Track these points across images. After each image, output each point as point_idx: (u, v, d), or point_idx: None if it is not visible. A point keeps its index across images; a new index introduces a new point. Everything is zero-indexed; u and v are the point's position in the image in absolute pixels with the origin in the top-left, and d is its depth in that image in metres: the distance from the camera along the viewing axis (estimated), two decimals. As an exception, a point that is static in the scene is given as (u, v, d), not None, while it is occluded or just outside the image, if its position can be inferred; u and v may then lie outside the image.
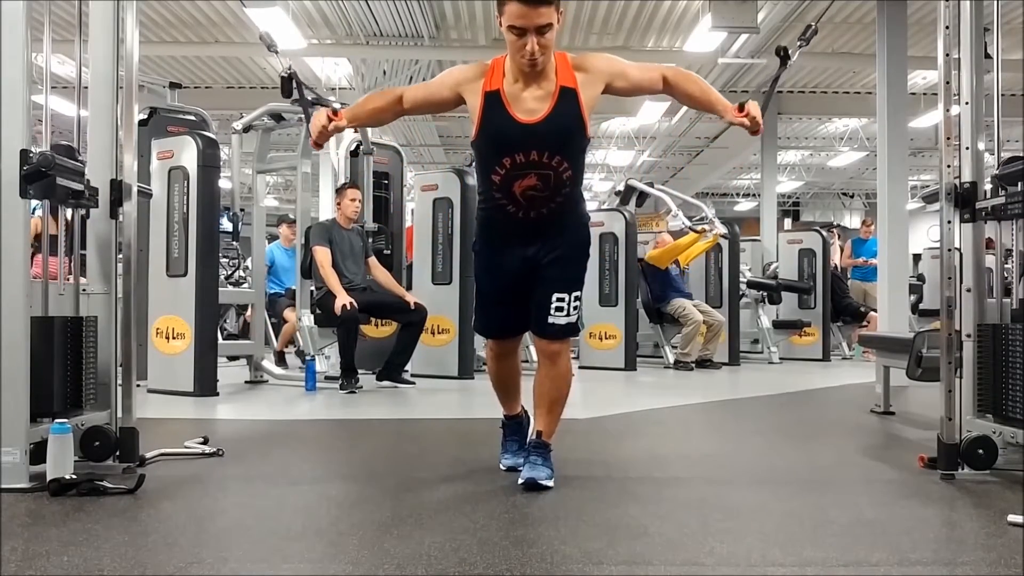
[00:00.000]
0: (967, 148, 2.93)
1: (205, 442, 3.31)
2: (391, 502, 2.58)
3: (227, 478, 2.96)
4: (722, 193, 24.68)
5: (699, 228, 8.17)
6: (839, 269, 10.25)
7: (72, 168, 2.81)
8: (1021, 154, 2.84)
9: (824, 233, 9.86)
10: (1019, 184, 2.77)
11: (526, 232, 2.75)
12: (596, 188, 21.79)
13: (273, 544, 2.14)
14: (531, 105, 2.66)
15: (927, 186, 16.21)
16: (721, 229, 8.21)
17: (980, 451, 2.85)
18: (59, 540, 2.09)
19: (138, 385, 3.16)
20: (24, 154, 2.57)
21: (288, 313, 7.02)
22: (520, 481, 2.68)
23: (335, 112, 2.76)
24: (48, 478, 2.55)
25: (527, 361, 6.18)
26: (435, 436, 4.19)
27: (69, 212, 3.11)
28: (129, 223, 2.99)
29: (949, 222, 2.93)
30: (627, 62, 2.77)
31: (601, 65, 2.72)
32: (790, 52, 2.68)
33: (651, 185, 9.03)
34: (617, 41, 11.26)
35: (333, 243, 5.89)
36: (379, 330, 6.73)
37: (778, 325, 9.45)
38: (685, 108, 13.24)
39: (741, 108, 2.68)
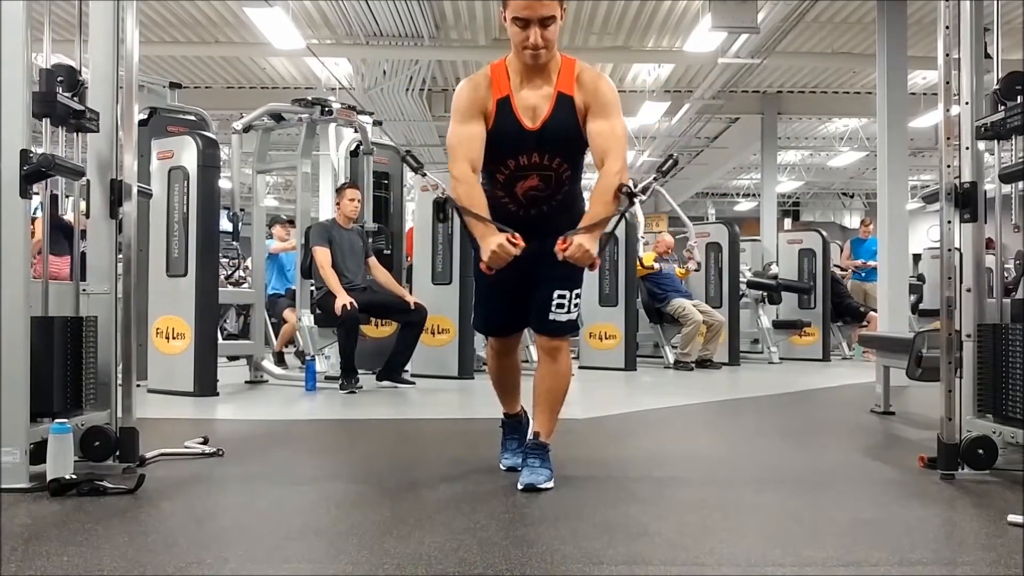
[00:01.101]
0: (967, 148, 2.93)
1: (205, 442, 3.31)
2: (391, 502, 2.58)
3: (227, 478, 2.96)
4: (722, 193, 24.69)
5: (648, 265, 8.20)
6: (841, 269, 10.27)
7: (73, 167, 2.81)
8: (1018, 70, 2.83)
9: (824, 233, 9.86)
10: (1019, 97, 2.75)
11: (526, 228, 2.75)
12: (596, 188, 21.76)
13: (273, 544, 2.14)
14: (533, 103, 2.68)
15: (927, 186, 16.22)
16: (695, 263, 8.24)
17: (980, 451, 2.85)
18: (59, 540, 2.09)
19: (138, 385, 3.16)
20: (24, 154, 2.57)
21: (288, 314, 7.02)
22: (519, 486, 2.68)
23: (514, 235, 2.56)
24: (48, 478, 2.55)
25: (527, 361, 6.18)
26: (435, 436, 4.19)
27: (70, 212, 3.11)
28: (129, 223, 2.98)
29: (949, 222, 2.93)
30: (614, 119, 2.68)
31: (591, 94, 2.68)
32: (635, 191, 2.66)
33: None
34: (617, 41, 11.26)
35: (333, 243, 5.89)
36: (379, 330, 6.73)
37: (778, 325, 9.45)
38: (685, 108, 13.26)
39: (565, 240, 2.55)
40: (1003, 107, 2.83)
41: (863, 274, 10.29)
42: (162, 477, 2.83)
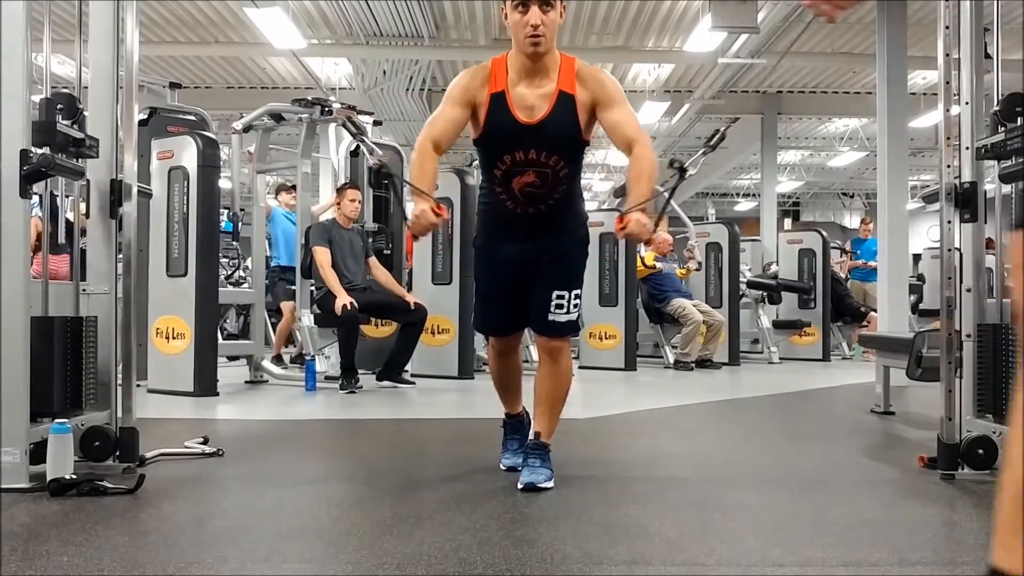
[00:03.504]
0: (967, 148, 2.93)
1: (205, 442, 3.31)
2: (391, 502, 2.58)
3: (227, 478, 2.96)
4: (722, 193, 24.69)
5: (649, 264, 8.17)
6: (842, 275, 10.26)
7: (73, 168, 2.81)
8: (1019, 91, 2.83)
9: (824, 233, 9.86)
10: (1019, 119, 2.75)
11: (525, 226, 2.77)
12: (596, 188, 21.79)
13: (273, 544, 2.14)
14: (531, 102, 2.68)
15: (927, 186, 16.22)
16: (696, 263, 8.23)
17: (980, 451, 2.85)
18: (59, 540, 2.09)
19: (138, 385, 3.16)
20: (24, 154, 2.57)
21: (286, 305, 6.95)
22: (519, 486, 2.68)
23: (439, 206, 2.60)
24: (48, 478, 2.55)
25: (528, 361, 6.18)
26: (435, 436, 4.19)
27: (70, 212, 3.11)
28: (129, 223, 2.99)
29: (949, 222, 2.93)
30: (626, 105, 2.71)
31: (596, 89, 2.69)
32: (686, 166, 2.71)
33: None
34: (617, 41, 11.27)
35: (333, 243, 5.89)
36: (379, 330, 6.73)
37: (778, 325, 9.45)
38: (685, 108, 13.26)
39: (622, 219, 2.52)
40: (1003, 129, 2.83)
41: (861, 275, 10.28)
42: (162, 477, 2.83)
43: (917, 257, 11.35)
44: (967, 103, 2.94)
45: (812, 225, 18.99)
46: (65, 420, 2.68)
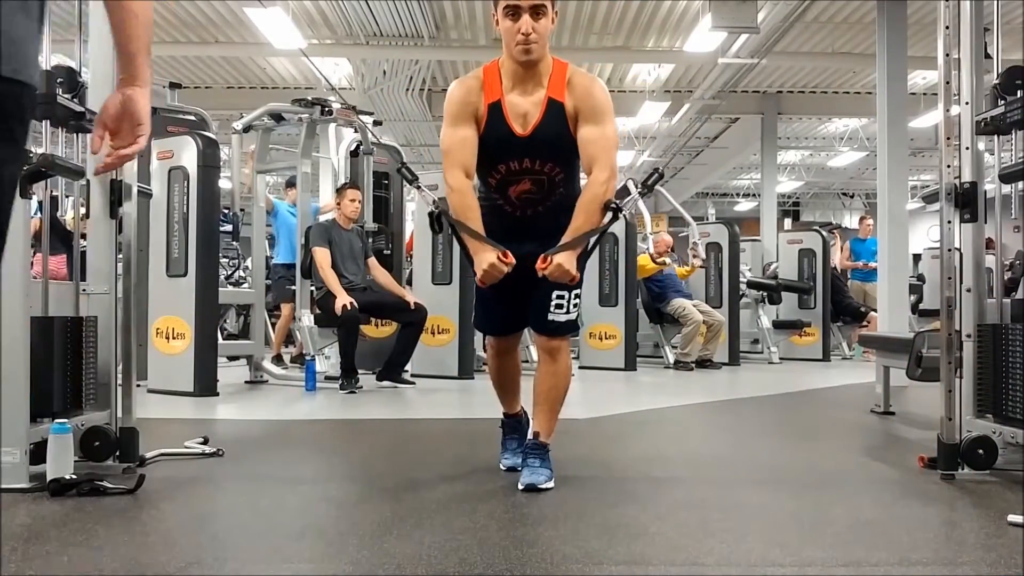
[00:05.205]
0: (967, 148, 2.93)
1: (205, 442, 3.31)
2: (391, 502, 2.58)
3: (227, 478, 2.96)
4: (722, 193, 24.70)
5: (660, 261, 8.07)
6: (839, 270, 10.25)
7: (73, 168, 2.81)
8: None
9: (824, 233, 9.86)
10: (1019, 92, 2.76)
11: (523, 229, 2.77)
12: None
13: (273, 544, 2.14)
14: (525, 109, 2.68)
15: (927, 186, 16.22)
16: (700, 259, 8.19)
17: (980, 451, 2.85)
18: (59, 540, 2.09)
19: (138, 385, 3.16)
20: (24, 154, 2.57)
21: (286, 306, 6.94)
22: (520, 487, 2.68)
23: (505, 253, 2.60)
24: (48, 478, 2.55)
25: (527, 361, 6.18)
26: (435, 436, 4.19)
27: (70, 211, 3.11)
28: (129, 223, 2.98)
29: (949, 222, 2.93)
30: (606, 125, 2.67)
31: (583, 99, 2.66)
32: (622, 207, 2.64)
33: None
34: (617, 41, 11.27)
35: (333, 244, 5.89)
36: (379, 330, 6.73)
37: (778, 325, 9.45)
38: (685, 109, 13.26)
39: (545, 258, 2.58)
40: (1003, 102, 2.83)
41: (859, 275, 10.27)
42: (162, 477, 2.83)
43: (917, 257, 11.35)
44: (967, 103, 2.94)
45: (812, 225, 19.01)
46: (65, 420, 2.68)
